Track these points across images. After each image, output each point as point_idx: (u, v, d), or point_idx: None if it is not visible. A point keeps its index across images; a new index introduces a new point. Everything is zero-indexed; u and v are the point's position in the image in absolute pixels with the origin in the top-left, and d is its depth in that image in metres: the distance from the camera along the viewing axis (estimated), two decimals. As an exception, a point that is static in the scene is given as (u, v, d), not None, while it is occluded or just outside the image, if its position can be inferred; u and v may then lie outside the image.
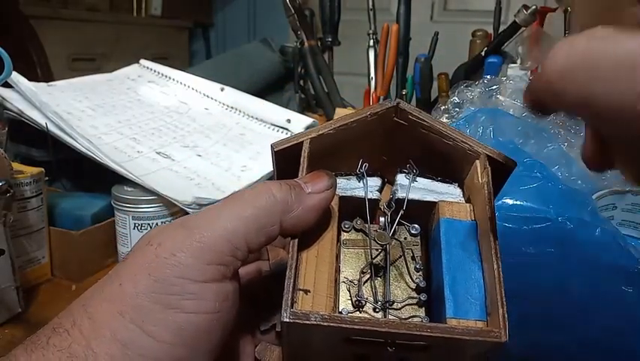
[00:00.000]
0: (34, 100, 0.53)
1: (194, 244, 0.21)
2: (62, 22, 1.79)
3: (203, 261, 0.21)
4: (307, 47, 0.90)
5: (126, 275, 0.21)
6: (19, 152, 0.57)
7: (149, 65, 0.76)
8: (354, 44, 1.24)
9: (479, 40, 0.98)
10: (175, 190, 0.46)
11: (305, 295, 0.22)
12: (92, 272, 0.48)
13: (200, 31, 2.64)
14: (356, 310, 0.24)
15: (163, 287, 0.20)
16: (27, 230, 0.44)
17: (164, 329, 0.20)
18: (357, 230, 0.27)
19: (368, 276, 0.25)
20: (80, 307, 0.21)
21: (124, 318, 0.20)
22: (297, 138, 0.26)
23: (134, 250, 0.22)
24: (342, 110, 0.75)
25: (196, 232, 0.21)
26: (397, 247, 0.26)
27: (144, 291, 0.20)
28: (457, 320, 0.21)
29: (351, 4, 1.83)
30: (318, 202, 0.23)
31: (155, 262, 0.20)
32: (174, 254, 0.20)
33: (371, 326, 0.20)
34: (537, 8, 0.83)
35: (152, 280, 0.20)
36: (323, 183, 0.24)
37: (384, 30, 0.96)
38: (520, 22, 0.83)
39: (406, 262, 0.26)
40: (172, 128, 0.62)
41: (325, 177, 0.24)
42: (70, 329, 0.20)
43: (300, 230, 0.23)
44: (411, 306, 0.25)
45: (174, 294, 0.20)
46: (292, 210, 0.23)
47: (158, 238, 0.21)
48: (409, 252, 0.26)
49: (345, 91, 0.96)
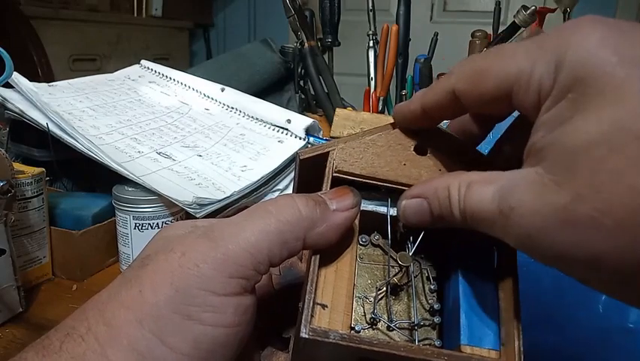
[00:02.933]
0: (35, 100, 0.53)
1: (218, 256, 0.20)
2: (63, 22, 1.79)
3: (225, 274, 0.20)
4: (307, 47, 0.91)
5: (147, 282, 0.20)
6: (20, 152, 0.57)
7: (150, 66, 0.76)
8: (354, 45, 1.25)
9: (479, 41, 0.98)
10: (176, 190, 0.46)
11: (322, 310, 0.22)
12: (93, 272, 0.49)
13: (200, 32, 2.65)
14: (370, 326, 0.24)
15: (184, 298, 0.20)
16: (28, 230, 0.44)
17: (182, 340, 0.20)
18: (374, 245, 0.26)
19: (383, 293, 0.25)
20: (95, 311, 0.21)
21: (142, 327, 0.19)
22: (324, 147, 0.25)
23: (153, 254, 0.22)
24: (342, 110, 0.75)
25: (220, 245, 0.21)
26: (414, 266, 0.26)
27: (165, 301, 0.20)
28: (470, 347, 0.21)
29: (351, 5, 1.83)
30: (342, 221, 0.23)
31: (179, 271, 0.20)
32: (198, 265, 0.20)
33: (389, 349, 0.20)
34: (536, 9, 0.83)
35: (174, 289, 0.20)
36: (348, 201, 0.24)
37: (384, 31, 0.96)
38: (519, 23, 0.83)
39: (422, 283, 0.25)
40: (173, 128, 0.62)
41: (350, 194, 0.24)
42: (85, 335, 0.20)
43: (322, 247, 0.23)
44: (424, 328, 0.24)
45: (195, 306, 0.20)
46: (316, 227, 0.22)
47: (182, 247, 0.21)
48: (424, 271, 0.26)
49: (345, 91, 0.97)
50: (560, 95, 0.18)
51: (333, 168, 0.25)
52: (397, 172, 0.25)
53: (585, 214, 0.16)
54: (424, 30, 1.24)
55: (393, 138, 0.26)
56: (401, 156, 0.26)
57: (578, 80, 0.17)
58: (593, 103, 0.17)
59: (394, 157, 0.26)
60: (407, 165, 0.26)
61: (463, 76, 0.21)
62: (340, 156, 0.25)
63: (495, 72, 0.20)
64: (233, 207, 0.50)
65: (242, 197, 0.51)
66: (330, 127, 0.74)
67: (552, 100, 0.18)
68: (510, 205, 0.18)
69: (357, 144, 0.26)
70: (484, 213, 0.20)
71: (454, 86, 0.22)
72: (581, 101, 0.17)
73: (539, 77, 0.18)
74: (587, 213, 0.16)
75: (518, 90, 0.19)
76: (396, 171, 0.25)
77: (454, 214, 0.21)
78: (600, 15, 0.19)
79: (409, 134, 0.26)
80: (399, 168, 0.25)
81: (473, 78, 0.21)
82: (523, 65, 0.19)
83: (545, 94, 0.18)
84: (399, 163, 0.25)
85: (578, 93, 0.17)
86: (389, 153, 0.26)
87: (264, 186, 0.55)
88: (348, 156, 0.25)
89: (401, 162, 0.26)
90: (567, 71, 0.17)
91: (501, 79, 0.20)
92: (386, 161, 0.26)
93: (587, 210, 0.16)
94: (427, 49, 1.02)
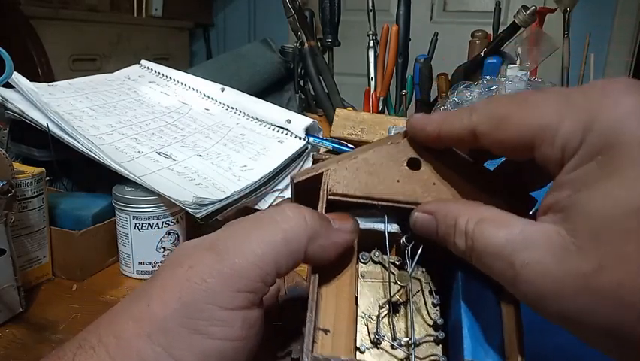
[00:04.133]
0: (35, 100, 0.53)
1: (225, 270, 0.21)
2: (63, 22, 1.80)
3: (233, 288, 0.21)
4: (307, 47, 0.91)
5: (155, 296, 0.21)
6: (20, 152, 0.57)
7: (150, 66, 0.76)
8: (354, 45, 1.25)
9: (478, 41, 0.98)
10: (176, 190, 0.46)
11: (325, 335, 0.22)
12: (93, 272, 0.49)
13: (200, 32, 2.65)
14: (374, 346, 0.24)
15: (192, 312, 0.20)
16: (28, 230, 0.44)
17: (189, 354, 0.20)
18: (374, 262, 0.26)
19: (386, 312, 0.25)
20: (106, 323, 0.21)
21: (151, 340, 0.20)
22: (317, 169, 0.25)
23: (162, 269, 0.22)
24: (342, 110, 0.75)
25: (226, 258, 0.21)
26: (416, 281, 0.26)
27: (173, 314, 0.20)
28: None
29: (351, 5, 1.83)
30: (342, 240, 0.24)
31: (186, 285, 0.20)
32: (205, 280, 0.20)
33: None
34: (536, 9, 0.83)
35: (182, 304, 0.20)
36: (349, 225, 0.24)
37: (384, 31, 0.96)
38: (519, 23, 0.83)
39: (424, 298, 0.25)
40: (173, 128, 0.62)
41: (350, 220, 0.25)
42: (97, 346, 0.20)
43: (320, 262, 0.23)
44: (428, 343, 0.24)
45: (202, 320, 0.20)
46: (320, 238, 0.23)
47: (189, 260, 0.21)
48: (426, 285, 0.26)
49: (345, 91, 0.97)
50: (587, 157, 0.18)
51: (328, 191, 0.25)
52: (392, 190, 0.25)
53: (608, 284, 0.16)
54: (424, 30, 1.24)
55: (385, 154, 0.26)
56: (395, 172, 0.25)
57: (609, 145, 0.17)
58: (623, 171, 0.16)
59: (388, 174, 0.25)
60: (401, 181, 0.25)
61: (486, 118, 0.21)
62: (334, 178, 0.25)
63: (519, 121, 0.20)
64: (234, 208, 0.50)
65: (242, 197, 0.51)
66: (330, 127, 0.74)
67: (578, 160, 0.18)
68: (524, 261, 0.18)
69: (350, 165, 0.25)
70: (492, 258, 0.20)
71: (475, 126, 0.22)
72: (610, 167, 0.17)
73: (566, 135, 0.18)
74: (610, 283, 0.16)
75: (541, 143, 0.19)
76: (390, 189, 0.25)
77: (458, 246, 0.22)
78: (600, 15, 0.19)
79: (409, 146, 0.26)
80: (393, 186, 0.25)
81: (496, 123, 0.21)
82: (549, 120, 0.19)
83: (570, 152, 0.18)
84: (393, 181, 0.25)
85: (608, 157, 0.17)
86: (382, 171, 0.25)
87: (264, 186, 0.55)
88: (342, 178, 0.25)
89: (395, 179, 0.25)
90: (597, 135, 0.17)
91: (524, 129, 0.20)
92: (380, 179, 0.25)
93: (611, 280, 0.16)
94: (427, 49, 1.02)
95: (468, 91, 0.67)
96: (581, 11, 1.21)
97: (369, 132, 0.71)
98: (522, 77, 0.74)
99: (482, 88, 0.67)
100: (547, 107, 0.19)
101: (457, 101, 0.66)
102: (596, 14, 1.92)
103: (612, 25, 2.03)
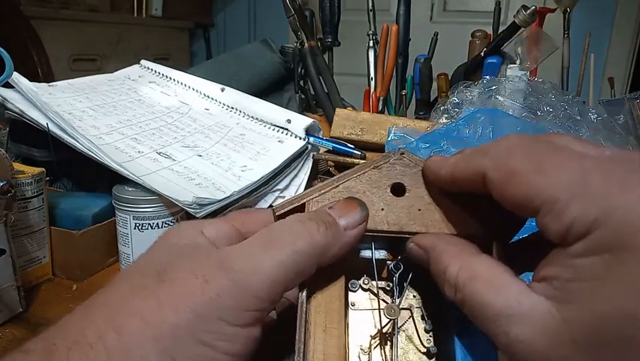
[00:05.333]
0: (35, 100, 0.53)
1: (238, 289, 0.21)
2: (63, 22, 1.80)
3: (244, 307, 0.21)
4: (307, 47, 0.91)
5: (167, 301, 0.21)
6: (20, 152, 0.57)
7: (150, 66, 0.76)
8: (354, 45, 1.25)
9: (478, 41, 0.98)
10: (176, 190, 0.46)
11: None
12: (93, 272, 0.49)
13: (200, 32, 2.65)
14: None
15: (203, 325, 0.20)
16: (28, 230, 0.45)
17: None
18: (364, 290, 0.26)
19: (378, 342, 0.25)
20: (104, 315, 0.21)
21: (157, 344, 0.20)
22: (299, 199, 0.25)
23: (171, 271, 0.22)
24: (342, 110, 0.75)
25: (241, 277, 0.21)
26: (406, 311, 0.26)
27: (185, 324, 0.20)
28: None
29: (351, 5, 1.83)
30: (352, 240, 0.24)
31: (201, 299, 0.21)
32: (219, 295, 0.21)
33: None
34: (536, 9, 0.83)
35: (195, 315, 0.20)
36: (357, 216, 0.24)
37: (383, 30, 0.96)
38: (519, 23, 0.83)
39: (415, 325, 0.25)
40: (173, 128, 0.62)
41: (358, 208, 0.24)
42: (95, 343, 0.19)
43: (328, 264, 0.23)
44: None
45: (211, 333, 0.20)
46: (330, 250, 0.23)
47: (203, 271, 0.21)
48: (418, 311, 0.26)
49: (345, 91, 0.97)
50: (596, 249, 0.17)
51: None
52: (375, 220, 0.25)
53: None
54: (424, 30, 1.24)
55: (367, 181, 0.25)
56: (378, 200, 0.25)
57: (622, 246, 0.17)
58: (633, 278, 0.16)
59: (371, 203, 0.25)
60: (385, 210, 0.25)
61: (497, 166, 0.21)
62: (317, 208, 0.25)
63: (529, 183, 0.19)
64: (234, 207, 0.50)
65: (242, 197, 0.51)
66: (330, 127, 0.74)
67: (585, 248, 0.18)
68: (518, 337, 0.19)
69: (332, 194, 0.25)
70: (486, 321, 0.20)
71: (485, 171, 0.21)
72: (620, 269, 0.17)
73: (574, 217, 0.18)
74: None
75: (546, 213, 0.19)
76: (374, 219, 0.25)
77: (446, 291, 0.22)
78: (600, 15, 0.19)
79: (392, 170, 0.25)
80: (377, 215, 0.25)
81: (506, 176, 0.20)
82: (560, 192, 0.18)
83: (576, 236, 0.18)
84: (377, 210, 0.25)
85: (617, 259, 0.17)
86: (365, 199, 0.25)
87: (264, 186, 0.55)
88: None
89: (379, 208, 0.25)
90: (610, 231, 0.17)
91: (533, 194, 0.19)
92: None
93: None
94: (427, 49, 1.02)
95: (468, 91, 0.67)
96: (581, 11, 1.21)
97: (369, 132, 0.71)
98: (522, 76, 0.74)
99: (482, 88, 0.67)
100: (563, 175, 0.19)
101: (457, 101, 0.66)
102: (596, 14, 1.92)
103: (612, 25, 2.03)
